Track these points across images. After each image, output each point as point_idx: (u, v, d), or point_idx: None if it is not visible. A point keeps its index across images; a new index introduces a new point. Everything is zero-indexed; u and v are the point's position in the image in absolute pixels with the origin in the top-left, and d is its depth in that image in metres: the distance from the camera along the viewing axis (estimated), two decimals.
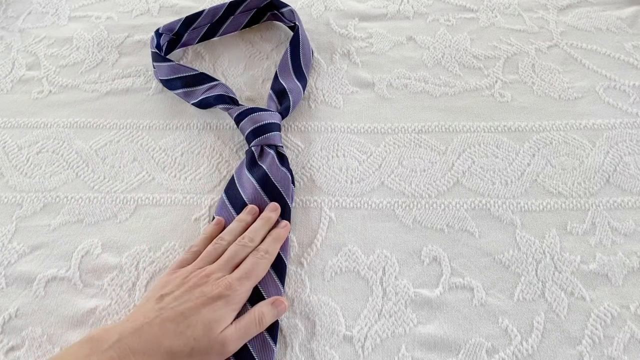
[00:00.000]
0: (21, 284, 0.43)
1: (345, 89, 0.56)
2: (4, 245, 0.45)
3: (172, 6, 0.67)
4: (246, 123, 0.49)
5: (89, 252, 0.45)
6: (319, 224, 0.46)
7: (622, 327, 0.39)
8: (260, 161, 0.47)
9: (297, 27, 0.58)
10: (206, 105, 0.53)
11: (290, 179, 0.46)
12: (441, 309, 0.41)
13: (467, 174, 0.48)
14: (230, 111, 0.51)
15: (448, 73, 0.57)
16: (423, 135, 0.52)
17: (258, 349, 0.37)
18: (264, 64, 0.59)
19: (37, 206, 0.48)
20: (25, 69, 0.60)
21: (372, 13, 0.65)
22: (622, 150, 0.49)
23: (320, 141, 0.52)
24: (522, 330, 0.39)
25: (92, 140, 0.53)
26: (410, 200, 0.47)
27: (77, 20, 0.66)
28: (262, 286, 0.40)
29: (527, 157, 0.49)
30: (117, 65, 0.60)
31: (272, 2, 0.61)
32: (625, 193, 0.46)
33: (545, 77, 0.56)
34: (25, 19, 0.67)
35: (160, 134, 0.53)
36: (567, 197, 0.46)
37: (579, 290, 0.41)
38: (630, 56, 0.57)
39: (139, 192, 0.48)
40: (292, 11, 0.60)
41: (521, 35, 0.61)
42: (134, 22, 0.65)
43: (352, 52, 0.60)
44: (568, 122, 0.52)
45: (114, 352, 0.32)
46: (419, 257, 0.43)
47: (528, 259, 0.43)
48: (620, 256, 0.43)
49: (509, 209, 0.46)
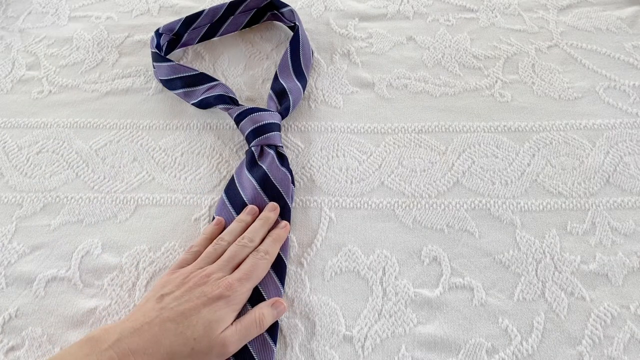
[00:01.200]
0: (21, 284, 0.43)
1: (345, 89, 0.56)
2: (4, 245, 0.45)
3: (172, 6, 0.67)
4: (246, 123, 0.49)
5: (89, 252, 0.45)
6: (319, 224, 0.46)
7: (622, 327, 0.39)
8: (260, 161, 0.47)
9: (297, 27, 0.58)
10: (206, 105, 0.53)
11: (290, 179, 0.46)
12: (441, 309, 0.41)
13: (467, 174, 0.48)
14: (230, 111, 0.51)
15: (448, 73, 0.57)
16: (423, 135, 0.52)
17: (258, 349, 0.37)
18: (264, 64, 0.59)
19: (37, 206, 0.48)
20: (25, 69, 0.60)
21: (372, 13, 0.65)
22: (622, 150, 0.49)
23: (320, 141, 0.52)
24: (522, 330, 0.39)
25: (92, 140, 0.53)
26: (410, 200, 0.47)
27: (77, 20, 0.66)
28: (262, 286, 0.40)
29: (527, 157, 0.49)
30: (117, 65, 0.60)
31: (272, 2, 0.61)
32: (625, 193, 0.46)
33: (545, 77, 0.56)
34: (25, 19, 0.66)
35: (160, 134, 0.53)
36: (567, 197, 0.46)
37: (579, 290, 0.41)
38: (630, 56, 0.57)
39: (139, 192, 0.48)
40: (292, 11, 0.60)
41: (521, 35, 0.61)
42: (134, 22, 0.65)
43: (352, 52, 0.60)
44: (568, 122, 0.52)
45: (114, 352, 0.32)
46: (419, 257, 0.43)
47: (528, 259, 0.43)
48: (620, 256, 0.43)
49: (509, 209, 0.46)
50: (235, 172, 0.48)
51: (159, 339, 0.34)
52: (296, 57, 0.56)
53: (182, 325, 0.34)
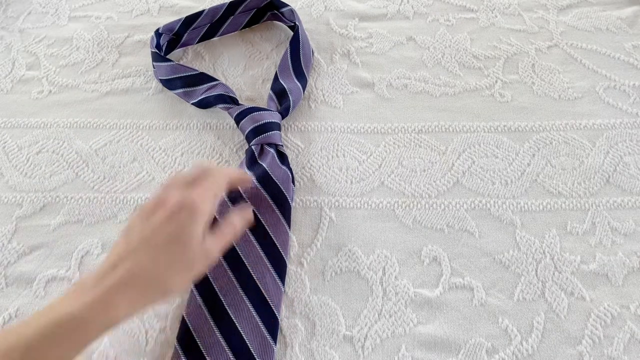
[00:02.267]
0: (21, 284, 0.43)
1: (345, 89, 0.56)
2: (4, 245, 0.45)
3: (172, 6, 0.67)
4: (246, 122, 0.49)
5: (89, 252, 0.45)
6: (319, 224, 0.46)
7: (622, 327, 0.39)
8: (261, 160, 0.47)
9: (297, 27, 0.58)
10: (206, 104, 0.53)
11: (290, 177, 0.46)
12: (441, 309, 0.41)
13: (467, 174, 0.48)
14: (230, 110, 0.51)
15: (448, 73, 0.57)
16: (423, 135, 0.52)
17: (258, 349, 0.38)
18: (264, 64, 0.59)
19: (37, 206, 0.48)
20: (25, 69, 0.60)
21: (372, 13, 0.65)
22: (622, 150, 0.49)
23: (320, 141, 0.52)
24: (522, 330, 0.39)
25: (92, 140, 0.53)
26: (410, 200, 0.47)
27: (77, 20, 0.66)
28: (262, 286, 0.40)
29: (527, 157, 0.49)
30: (117, 65, 0.60)
31: (272, 2, 0.61)
32: (625, 193, 0.46)
33: (545, 77, 0.56)
34: (25, 19, 0.66)
35: (160, 134, 0.53)
36: (567, 197, 0.46)
37: (579, 290, 0.41)
38: (630, 56, 0.57)
39: (139, 192, 0.48)
40: (292, 11, 0.60)
41: (521, 35, 0.61)
42: (134, 22, 0.65)
43: (352, 52, 0.60)
44: (568, 122, 0.52)
45: (99, 290, 0.32)
46: (419, 257, 0.43)
47: (528, 259, 0.43)
48: (620, 256, 0.43)
49: (509, 209, 0.46)
50: None
51: (142, 266, 0.33)
52: (296, 57, 0.56)
53: (159, 250, 0.34)
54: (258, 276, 0.41)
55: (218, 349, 0.38)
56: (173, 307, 0.41)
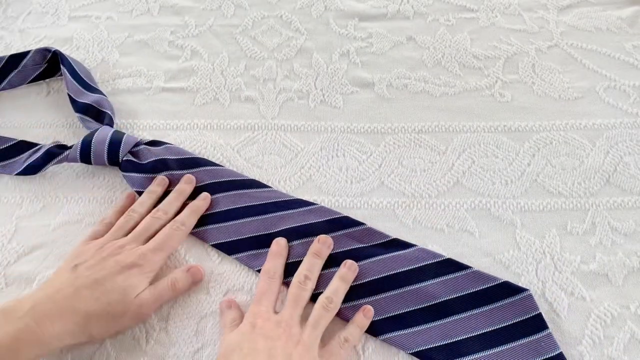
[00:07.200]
0: (21, 284, 0.43)
1: (345, 89, 0.56)
2: (4, 245, 0.45)
3: (173, 6, 0.67)
4: (96, 150, 0.47)
5: None
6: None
7: (622, 327, 0.39)
8: (142, 159, 0.48)
9: (60, 57, 0.55)
10: (36, 169, 0.48)
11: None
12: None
13: (467, 174, 0.48)
14: (70, 155, 0.48)
15: (448, 73, 0.57)
16: (423, 135, 0.52)
17: None
18: (265, 64, 0.59)
19: (37, 206, 0.48)
20: None
21: (372, 13, 0.65)
22: (622, 150, 0.49)
23: (320, 141, 0.52)
24: None
25: None
26: (410, 200, 0.47)
27: (77, 20, 0.66)
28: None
29: (527, 157, 0.49)
30: (117, 65, 0.60)
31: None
32: (625, 193, 0.46)
33: (545, 77, 0.56)
34: (25, 19, 0.66)
35: (161, 134, 0.53)
36: (567, 197, 0.46)
37: (579, 290, 0.41)
38: (630, 56, 0.57)
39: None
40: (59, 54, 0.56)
41: (521, 35, 0.61)
42: (134, 22, 0.65)
43: (352, 52, 0.60)
44: (568, 122, 0.52)
45: (29, 319, 0.33)
46: None
47: (528, 259, 0.43)
48: (620, 256, 0.43)
49: (509, 209, 0.46)
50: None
51: (74, 304, 0.34)
52: (77, 76, 0.54)
53: (96, 292, 0.35)
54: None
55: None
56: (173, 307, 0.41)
